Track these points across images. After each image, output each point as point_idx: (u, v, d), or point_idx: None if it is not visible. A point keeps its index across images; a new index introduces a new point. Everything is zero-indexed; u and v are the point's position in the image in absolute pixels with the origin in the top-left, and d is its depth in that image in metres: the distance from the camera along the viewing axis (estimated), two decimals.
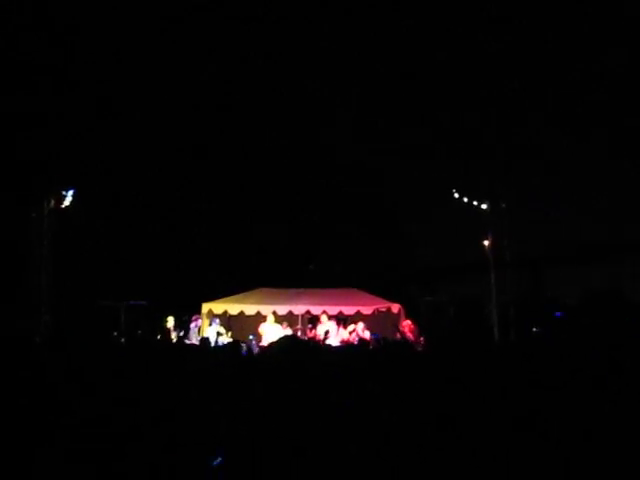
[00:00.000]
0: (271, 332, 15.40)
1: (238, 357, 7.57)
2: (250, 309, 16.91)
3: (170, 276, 21.55)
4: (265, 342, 14.82)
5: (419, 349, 12.03)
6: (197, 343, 13.41)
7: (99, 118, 20.20)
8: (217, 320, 16.36)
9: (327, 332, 14.75)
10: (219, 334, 15.53)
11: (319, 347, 6.75)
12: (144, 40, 20.08)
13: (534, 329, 15.04)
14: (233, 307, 17.09)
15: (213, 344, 13.29)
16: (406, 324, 15.84)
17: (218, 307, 17.07)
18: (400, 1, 20.24)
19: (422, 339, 15.04)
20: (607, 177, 19.16)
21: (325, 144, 23.33)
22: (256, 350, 13.89)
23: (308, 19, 20.67)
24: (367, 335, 15.06)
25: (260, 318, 16.42)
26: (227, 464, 3.80)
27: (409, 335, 15.26)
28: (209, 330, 15.94)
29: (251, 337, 15.64)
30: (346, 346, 10.64)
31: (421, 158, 22.04)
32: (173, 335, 15.62)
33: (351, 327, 15.72)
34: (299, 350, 4.57)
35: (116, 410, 4.39)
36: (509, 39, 19.34)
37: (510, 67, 19.61)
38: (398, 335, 15.48)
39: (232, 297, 17.71)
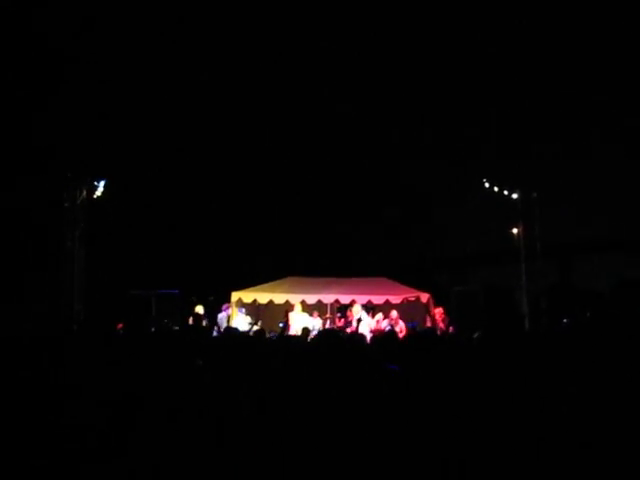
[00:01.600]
0: (298, 321, 15.46)
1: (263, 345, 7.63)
2: (279, 298, 16.97)
3: (201, 265, 21.69)
4: (293, 330, 14.88)
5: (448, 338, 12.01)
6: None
7: (131, 109, 20.35)
8: (243, 309, 16.45)
9: (359, 320, 14.72)
10: (251, 324, 15.60)
11: (358, 341, 6.73)
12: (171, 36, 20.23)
13: (564, 320, 14.90)
14: (262, 296, 17.18)
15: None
16: (438, 312, 15.81)
17: (248, 296, 17.17)
18: None
19: (452, 328, 15.02)
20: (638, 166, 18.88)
21: (355, 132, 23.27)
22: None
23: (317, 20, 20.65)
24: (401, 325, 15.00)
25: (289, 307, 16.47)
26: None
27: (440, 323, 15.25)
28: (239, 319, 16.03)
29: (281, 325, 15.70)
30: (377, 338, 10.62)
31: (451, 147, 21.89)
32: (203, 322, 15.74)
33: (379, 316, 15.67)
34: (339, 347, 4.59)
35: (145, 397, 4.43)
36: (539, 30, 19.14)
37: (545, 56, 19.39)
38: (429, 321, 15.48)
39: (261, 286, 17.80)
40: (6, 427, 4.12)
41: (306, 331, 9.49)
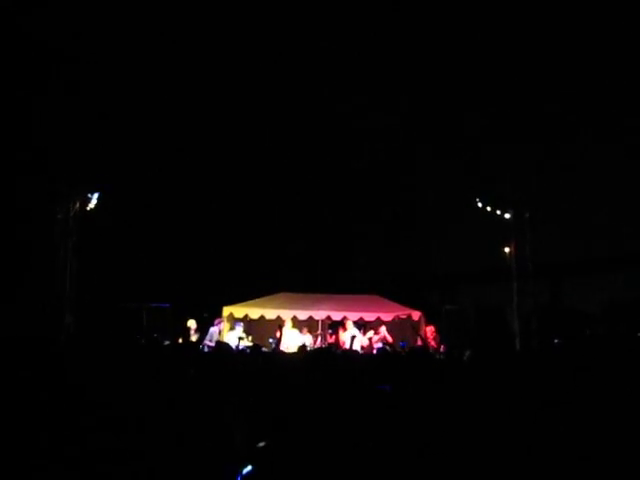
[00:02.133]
0: (289, 337, 15.43)
1: (259, 361, 7.61)
2: (271, 313, 16.95)
3: (193, 279, 21.67)
4: (283, 346, 14.85)
5: (440, 357, 12.03)
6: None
7: (125, 122, 20.38)
8: (241, 324, 16.42)
9: (353, 337, 14.73)
10: (240, 339, 15.59)
11: (349, 358, 6.73)
12: (162, 43, 20.27)
13: (555, 340, 14.93)
14: (254, 311, 17.15)
15: (235, 348, 13.32)
16: (429, 330, 15.82)
17: (239, 311, 17.14)
18: None
19: (443, 347, 15.02)
20: (630, 186, 19.00)
21: (346, 149, 23.36)
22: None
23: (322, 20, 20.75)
24: (389, 340, 15.08)
25: (281, 322, 16.45)
26: (257, 473, 3.82)
27: (431, 342, 15.25)
28: (231, 334, 16.01)
29: (271, 340, 15.67)
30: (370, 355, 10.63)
31: (444, 166, 21.99)
32: (194, 338, 15.73)
33: (370, 334, 15.69)
34: (328, 365, 4.59)
35: (138, 414, 4.42)
36: (535, 48, 19.29)
37: (536, 76, 19.54)
38: (419, 341, 15.47)
39: (253, 301, 17.77)
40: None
41: (302, 349, 9.47)
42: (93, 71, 19.84)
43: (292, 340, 15.07)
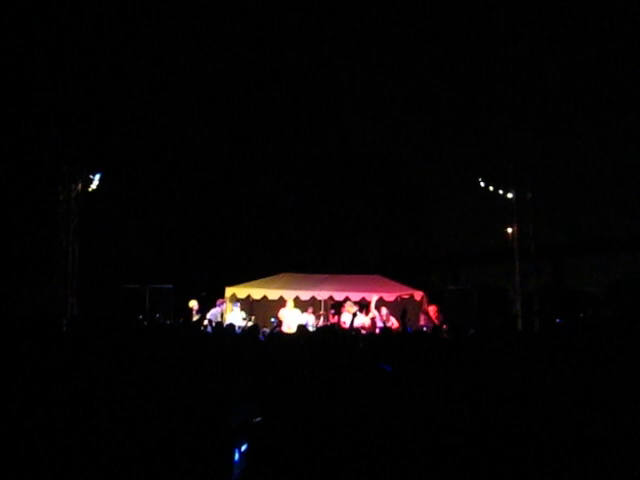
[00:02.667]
0: (290, 317, 15.41)
1: (256, 342, 7.62)
2: (273, 294, 16.93)
3: (195, 260, 21.70)
4: (285, 327, 14.83)
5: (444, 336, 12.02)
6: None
7: (127, 103, 20.33)
8: (238, 304, 16.41)
9: (355, 314, 14.72)
10: (244, 319, 15.59)
11: (352, 340, 6.73)
12: (177, 31, 20.20)
13: (557, 320, 14.95)
14: (256, 291, 17.14)
15: (239, 328, 13.35)
16: (432, 309, 15.79)
17: (242, 291, 17.13)
18: None
19: (445, 326, 15.01)
20: (633, 168, 18.95)
21: (352, 132, 23.32)
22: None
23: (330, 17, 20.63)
24: (393, 321, 15.05)
25: (283, 303, 16.44)
26: (252, 450, 3.83)
27: (435, 320, 15.23)
28: (233, 314, 16.00)
29: (273, 320, 15.67)
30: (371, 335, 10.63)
31: (446, 147, 21.95)
32: (195, 318, 15.74)
33: (371, 314, 15.68)
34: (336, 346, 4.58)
35: (138, 394, 4.43)
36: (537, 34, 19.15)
37: (541, 58, 19.42)
38: (422, 320, 15.47)
39: (256, 281, 17.76)
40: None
41: (301, 328, 9.45)
42: (96, 54, 19.79)
43: (293, 320, 15.03)
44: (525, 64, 19.65)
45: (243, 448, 4.01)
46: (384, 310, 15.53)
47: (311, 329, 11.39)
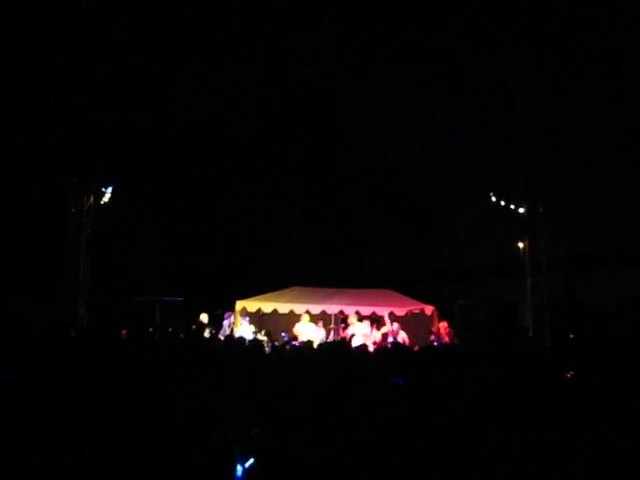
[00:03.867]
0: (307, 331, 15.40)
1: (262, 357, 7.61)
2: (283, 307, 16.93)
3: (206, 273, 21.72)
4: (300, 341, 14.81)
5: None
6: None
7: (141, 116, 20.45)
8: (247, 318, 16.42)
9: (352, 335, 14.81)
10: (254, 332, 15.60)
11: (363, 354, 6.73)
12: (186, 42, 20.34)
13: (570, 335, 14.86)
14: (267, 305, 17.14)
15: (249, 342, 13.35)
16: (442, 326, 15.76)
17: (252, 305, 17.13)
18: None
19: (456, 342, 14.97)
20: None
21: (360, 145, 23.34)
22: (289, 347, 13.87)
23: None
24: (403, 336, 15.03)
25: (293, 317, 16.43)
26: (258, 465, 3.82)
27: (445, 337, 15.19)
28: (243, 328, 16.01)
29: (283, 334, 15.67)
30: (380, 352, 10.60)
31: (458, 161, 21.94)
32: (206, 331, 15.75)
33: (384, 329, 15.66)
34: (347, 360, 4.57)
35: (144, 407, 4.43)
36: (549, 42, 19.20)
37: (551, 68, 19.45)
38: (433, 337, 15.44)
39: (266, 295, 17.75)
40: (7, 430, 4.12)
41: (309, 343, 9.47)
42: (108, 66, 19.93)
43: (308, 334, 15.02)
44: (536, 76, 19.65)
45: (248, 463, 3.99)
46: (395, 325, 15.50)
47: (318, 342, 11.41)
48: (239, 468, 3.95)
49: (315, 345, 9.86)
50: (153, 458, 3.82)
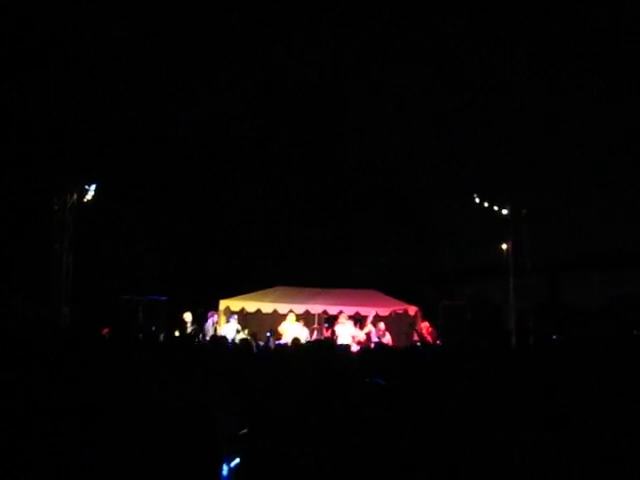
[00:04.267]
0: (292, 331, 15.40)
1: (250, 355, 7.60)
2: (267, 307, 16.95)
3: (189, 272, 21.66)
4: (284, 341, 14.82)
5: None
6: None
7: (123, 113, 20.34)
8: (235, 317, 16.40)
9: (336, 335, 14.88)
10: (238, 331, 15.59)
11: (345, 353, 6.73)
12: (176, 39, 20.24)
13: (554, 336, 14.93)
14: (250, 304, 17.14)
15: (231, 341, 13.31)
16: (424, 326, 15.82)
17: (235, 304, 17.13)
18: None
19: (439, 342, 15.03)
20: (628, 183, 19.02)
21: (347, 145, 23.36)
22: (272, 346, 13.87)
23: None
24: (388, 338, 15.06)
25: (277, 316, 16.44)
26: (244, 465, 3.80)
27: (427, 337, 15.25)
28: (227, 327, 15.99)
29: (268, 334, 15.68)
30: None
31: (441, 162, 21.99)
32: (189, 330, 15.72)
33: (367, 328, 15.68)
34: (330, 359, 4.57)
35: (128, 407, 4.40)
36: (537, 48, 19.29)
37: (536, 71, 19.53)
38: (416, 336, 15.48)
39: (250, 294, 17.76)
40: None
41: (296, 341, 9.46)
42: (91, 62, 19.80)
43: (295, 334, 15.02)
44: (521, 78, 19.74)
45: (234, 463, 3.98)
46: (382, 325, 15.54)
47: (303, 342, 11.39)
48: (225, 468, 3.94)
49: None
50: (140, 457, 3.80)
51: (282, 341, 14.56)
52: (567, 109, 19.56)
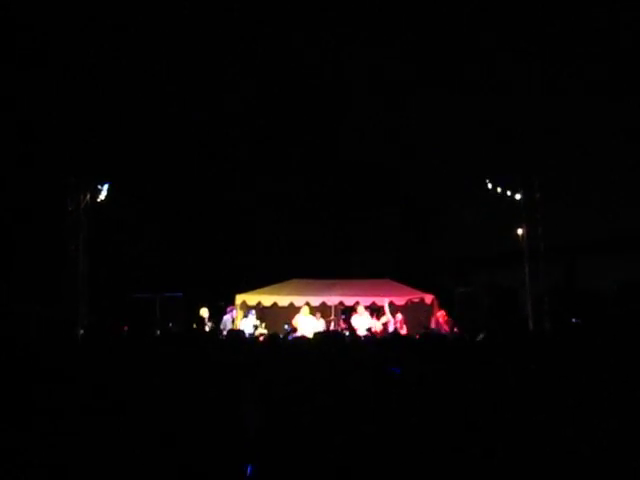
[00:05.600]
0: (306, 324, 15.43)
1: (278, 352, 7.59)
2: (283, 300, 16.98)
3: (205, 268, 21.72)
4: (300, 334, 14.86)
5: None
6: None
7: (136, 113, 20.39)
8: (253, 312, 16.44)
9: (350, 324, 14.98)
10: (255, 326, 15.64)
11: (355, 342, 6.74)
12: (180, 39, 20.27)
13: (573, 320, 14.86)
14: (266, 298, 17.18)
15: (249, 335, 13.37)
16: (440, 314, 15.80)
17: (252, 298, 17.16)
18: None
19: (456, 330, 15.01)
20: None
21: (359, 132, 23.30)
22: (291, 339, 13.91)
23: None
24: (405, 330, 15.09)
25: (293, 309, 16.47)
26: (259, 471, 3.81)
27: (444, 326, 15.23)
28: (245, 322, 16.04)
29: (286, 327, 15.71)
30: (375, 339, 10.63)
31: (454, 148, 21.88)
32: (207, 326, 15.78)
33: (384, 318, 15.70)
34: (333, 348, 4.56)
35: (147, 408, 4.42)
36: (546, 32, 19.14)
37: (547, 53, 19.38)
38: (433, 322, 15.50)
39: (265, 288, 17.78)
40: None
41: (317, 335, 9.49)
42: (102, 62, 19.83)
43: (308, 326, 15.08)
44: (529, 63, 19.60)
45: (255, 463, 3.98)
46: (399, 316, 15.56)
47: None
48: (249, 467, 3.95)
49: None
50: (164, 456, 3.82)
51: (297, 334, 14.61)
52: (578, 91, 19.42)
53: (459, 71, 20.84)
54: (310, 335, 13.29)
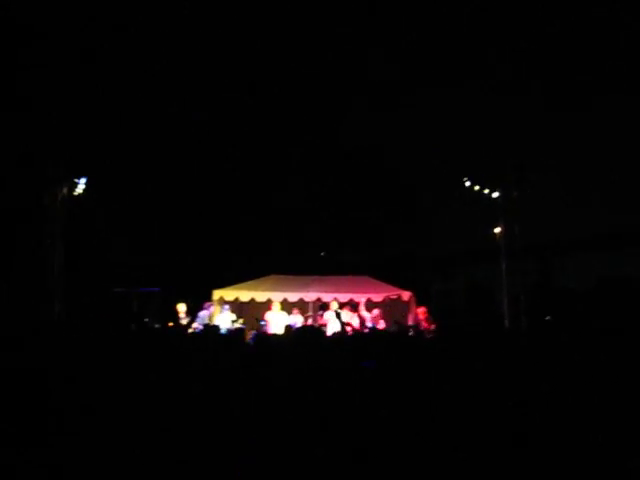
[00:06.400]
0: (277, 320, 15.49)
1: (243, 346, 7.62)
2: (261, 296, 16.95)
3: (183, 263, 21.65)
4: (270, 330, 14.93)
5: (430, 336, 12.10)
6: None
7: (113, 105, 20.25)
8: (227, 307, 16.42)
9: (338, 313, 14.99)
10: (234, 321, 15.64)
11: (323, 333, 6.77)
12: (162, 32, 20.13)
13: (547, 317, 15.00)
14: (244, 294, 17.14)
15: (227, 330, 13.37)
16: (421, 311, 15.88)
17: (229, 294, 17.12)
18: None
19: (434, 326, 15.10)
20: (619, 165, 19.04)
21: (338, 129, 23.31)
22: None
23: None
24: (382, 324, 15.17)
25: (271, 305, 16.48)
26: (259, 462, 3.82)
27: (423, 323, 15.32)
28: (222, 317, 16.01)
29: (262, 323, 15.73)
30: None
31: (431, 146, 21.96)
32: (184, 321, 15.75)
33: (363, 314, 15.77)
34: (307, 339, 4.59)
35: (135, 403, 4.42)
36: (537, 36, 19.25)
37: (530, 56, 19.50)
38: (410, 319, 15.59)
39: (243, 284, 17.74)
40: None
41: (288, 329, 9.52)
42: (102, 61, 19.69)
43: (279, 322, 15.17)
44: (511, 62, 19.72)
45: (250, 459, 3.98)
46: (375, 311, 15.63)
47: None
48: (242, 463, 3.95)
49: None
50: (156, 454, 3.82)
51: (269, 331, 14.66)
52: (556, 90, 19.56)
53: (437, 68, 20.92)
54: (281, 330, 13.37)
